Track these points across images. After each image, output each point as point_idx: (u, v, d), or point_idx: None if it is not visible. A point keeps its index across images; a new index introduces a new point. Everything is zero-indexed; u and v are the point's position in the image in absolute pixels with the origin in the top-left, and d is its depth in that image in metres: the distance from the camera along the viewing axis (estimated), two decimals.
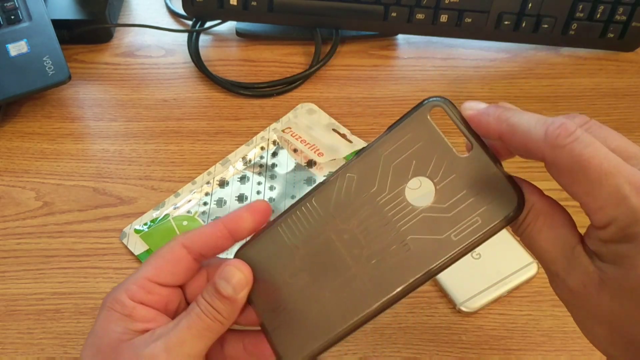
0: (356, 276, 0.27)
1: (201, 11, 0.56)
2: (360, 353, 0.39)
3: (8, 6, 0.51)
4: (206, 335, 0.29)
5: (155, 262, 0.30)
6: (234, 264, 0.29)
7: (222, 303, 0.28)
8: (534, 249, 0.25)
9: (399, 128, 0.27)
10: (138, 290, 0.30)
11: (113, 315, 0.29)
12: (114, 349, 0.28)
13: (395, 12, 0.54)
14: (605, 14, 0.54)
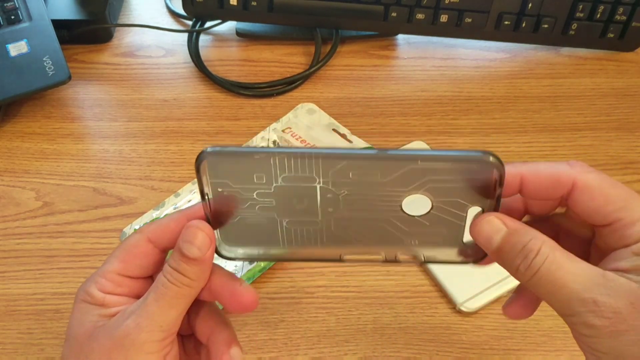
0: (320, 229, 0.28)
1: (201, 11, 0.56)
2: (360, 353, 0.39)
3: (8, 6, 0.51)
4: (176, 303, 0.28)
5: (122, 256, 0.30)
6: (195, 225, 0.28)
7: (189, 266, 0.28)
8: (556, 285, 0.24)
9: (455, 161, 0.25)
10: (107, 284, 0.30)
11: (85, 307, 0.29)
12: (90, 336, 0.28)
13: (395, 12, 0.54)
14: (605, 14, 0.54)
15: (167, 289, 0.28)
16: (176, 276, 0.28)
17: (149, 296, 0.28)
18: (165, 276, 0.28)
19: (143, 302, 0.28)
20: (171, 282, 0.28)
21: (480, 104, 0.54)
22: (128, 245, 0.30)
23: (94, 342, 0.28)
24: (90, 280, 0.30)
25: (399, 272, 0.43)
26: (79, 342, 0.29)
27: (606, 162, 0.50)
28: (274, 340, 0.39)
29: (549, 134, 0.52)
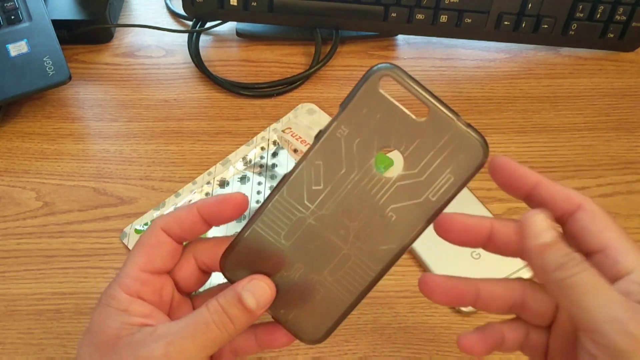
0: (349, 255, 0.28)
1: (201, 11, 0.56)
2: (360, 353, 0.39)
3: (8, 6, 0.52)
4: (212, 345, 0.28)
5: (142, 251, 0.30)
6: (263, 279, 0.28)
7: (240, 313, 0.28)
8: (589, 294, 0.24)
9: (352, 105, 0.27)
10: (133, 283, 0.29)
11: (108, 311, 0.29)
12: (112, 345, 0.28)
13: (395, 13, 0.54)
14: (605, 14, 0.54)
15: (209, 330, 0.27)
16: (224, 320, 0.28)
17: (187, 328, 0.27)
18: (212, 316, 0.28)
19: (179, 331, 0.27)
20: (216, 324, 0.27)
21: (480, 104, 0.54)
22: (143, 238, 0.30)
23: (115, 354, 0.28)
24: (114, 282, 0.30)
25: (398, 272, 0.43)
26: (99, 349, 0.28)
27: (606, 162, 0.50)
28: None
29: (549, 134, 0.52)
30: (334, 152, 0.27)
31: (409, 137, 0.27)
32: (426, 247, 0.43)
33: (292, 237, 0.29)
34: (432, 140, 0.27)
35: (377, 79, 0.27)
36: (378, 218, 0.28)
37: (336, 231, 0.28)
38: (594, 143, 0.51)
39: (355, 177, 0.28)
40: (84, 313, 0.41)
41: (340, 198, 0.28)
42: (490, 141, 0.53)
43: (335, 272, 0.29)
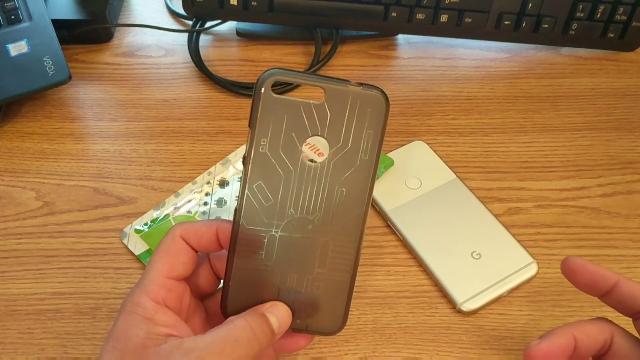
0: (327, 242, 0.31)
1: (201, 11, 0.56)
2: (360, 353, 0.39)
3: (8, 6, 0.51)
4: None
5: (165, 258, 0.31)
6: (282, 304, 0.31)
7: (265, 334, 0.29)
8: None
9: (260, 120, 0.29)
10: (159, 290, 0.30)
11: (134, 319, 0.29)
12: (139, 354, 0.28)
13: (395, 12, 0.54)
14: (606, 14, 0.54)
15: (238, 347, 0.28)
16: (251, 338, 0.28)
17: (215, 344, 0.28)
18: (240, 334, 0.28)
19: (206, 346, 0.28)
20: (244, 341, 0.28)
21: (480, 104, 0.54)
22: (164, 245, 0.31)
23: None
24: (138, 289, 0.30)
25: (399, 272, 0.43)
26: (124, 357, 0.28)
27: (606, 162, 0.50)
28: None
29: (549, 133, 0.52)
30: (266, 167, 0.29)
31: (320, 120, 0.29)
32: (426, 247, 0.43)
33: (272, 255, 0.30)
34: (338, 112, 0.29)
35: (268, 86, 0.29)
36: (333, 199, 0.30)
37: (305, 229, 0.30)
38: (594, 143, 0.51)
39: (295, 177, 0.30)
40: (83, 313, 0.41)
41: (293, 201, 0.30)
42: (491, 141, 0.53)
43: (324, 263, 0.31)
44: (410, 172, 0.47)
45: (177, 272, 0.31)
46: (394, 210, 0.45)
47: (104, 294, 0.42)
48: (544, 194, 0.47)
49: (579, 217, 0.46)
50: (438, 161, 0.48)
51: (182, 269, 0.31)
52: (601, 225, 0.46)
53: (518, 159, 0.50)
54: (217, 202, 0.46)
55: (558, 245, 0.44)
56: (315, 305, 0.31)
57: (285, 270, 0.31)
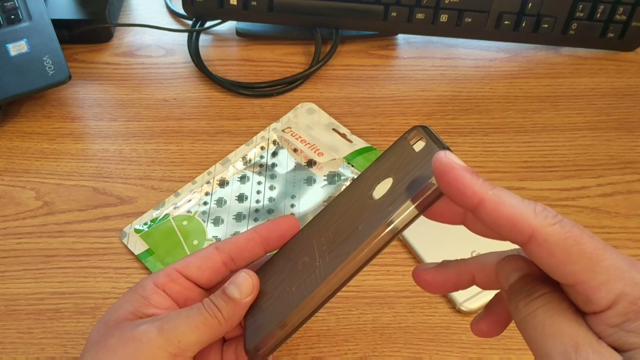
0: (317, 266, 0.28)
1: (201, 11, 0.56)
2: (360, 353, 0.39)
3: (8, 6, 0.51)
4: (202, 330, 0.29)
5: (186, 258, 0.32)
6: (245, 271, 0.31)
7: (225, 303, 0.30)
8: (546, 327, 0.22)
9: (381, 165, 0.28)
10: (163, 277, 0.31)
11: (132, 296, 0.31)
12: (118, 324, 0.30)
13: (395, 12, 0.54)
14: (605, 14, 0.54)
15: (200, 314, 0.29)
16: (212, 308, 0.30)
17: (182, 312, 0.30)
18: (203, 304, 0.30)
19: (174, 315, 0.30)
20: (206, 309, 0.30)
21: (480, 104, 0.54)
22: (195, 252, 0.33)
23: (117, 329, 0.29)
24: (148, 276, 0.32)
25: (398, 271, 0.43)
26: (107, 325, 0.30)
27: (606, 162, 0.50)
28: None
29: (549, 133, 0.52)
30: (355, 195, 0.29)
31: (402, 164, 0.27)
32: (426, 247, 0.43)
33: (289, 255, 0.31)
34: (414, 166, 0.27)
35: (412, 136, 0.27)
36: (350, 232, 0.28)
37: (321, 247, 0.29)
38: (594, 142, 0.51)
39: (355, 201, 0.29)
40: (83, 313, 0.41)
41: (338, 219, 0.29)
42: (491, 141, 0.53)
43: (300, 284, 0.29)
44: None
45: (189, 271, 0.32)
46: None
47: (103, 293, 0.42)
48: (543, 193, 0.47)
49: (579, 217, 0.46)
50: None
51: (195, 272, 0.32)
52: (601, 225, 0.46)
53: (518, 158, 0.50)
54: (217, 201, 0.46)
55: None
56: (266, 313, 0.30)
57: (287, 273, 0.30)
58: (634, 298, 0.20)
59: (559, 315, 0.22)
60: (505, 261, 0.25)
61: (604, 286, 0.21)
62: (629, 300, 0.20)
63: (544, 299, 0.22)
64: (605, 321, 0.21)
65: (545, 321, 0.22)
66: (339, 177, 0.47)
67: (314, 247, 0.29)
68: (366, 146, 0.49)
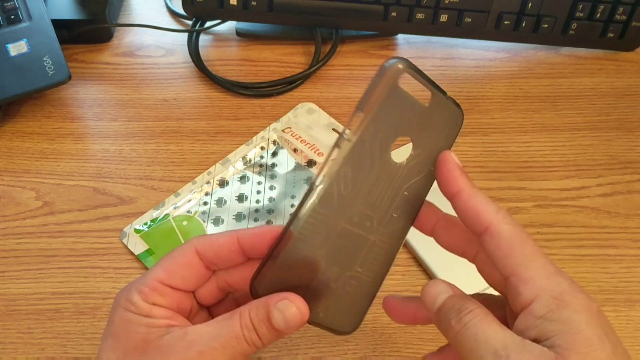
0: (375, 242, 0.29)
1: (201, 11, 0.56)
2: (360, 353, 0.39)
3: (8, 6, 0.51)
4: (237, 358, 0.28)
5: (167, 265, 0.30)
6: (292, 299, 0.28)
7: (268, 333, 0.28)
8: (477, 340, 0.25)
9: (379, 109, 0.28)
10: (151, 293, 0.29)
11: (130, 317, 0.29)
12: (142, 349, 0.28)
13: (395, 12, 0.54)
14: (605, 14, 0.54)
15: (240, 344, 0.27)
16: (254, 337, 0.28)
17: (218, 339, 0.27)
18: (243, 331, 0.27)
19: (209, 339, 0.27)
20: (246, 339, 0.27)
21: (480, 104, 0.54)
22: (175, 253, 0.30)
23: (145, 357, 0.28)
24: (132, 288, 0.29)
25: (399, 272, 0.43)
26: (127, 355, 0.28)
27: (606, 162, 0.50)
28: None
29: (549, 133, 0.52)
30: (360, 155, 0.28)
31: (418, 123, 0.29)
32: (426, 247, 0.43)
33: (326, 244, 0.28)
34: (433, 120, 0.29)
35: (398, 78, 0.27)
36: (396, 201, 0.29)
37: (364, 225, 0.29)
38: (594, 142, 0.51)
39: (376, 171, 0.29)
40: (83, 313, 0.41)
41: (365, 195, 0.29)
42: (491, 141, 0.53)
43: (364, 262, 0.30)
44: None
45: (175, 282, 0.30)
46: None
47: (103, 293, 0.42)
48: (543, 193, 0.47)
49: (579, 216, 0.46)
50: None
51: (181, 282, 0.30)
52: (601, 225, 0.46)
53: (518, 158, 0.50)
54: (216, 201, 0.46)
55: (558, 245, 0.44)
56: (341, 302, 0.30)
57: (331, 261, 0.29)
58: (557, 294, 0.25)
59: (488, 325, 0.25)
60: (429, 286, 0.28)
61: (532, 280, 0.25)
62: (551, 295, 0.25)
63: (473, 314, 0.26)
64: (532, 313, 0.25)
65: (477, 331, 0.25)
66: None
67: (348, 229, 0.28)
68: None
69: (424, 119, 0.29)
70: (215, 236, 0.30)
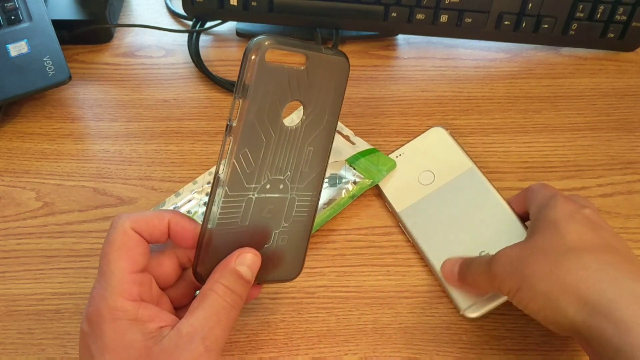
0: (294, 198, 0.33)
1: (201, 11, 0.56)
2: (360, 353, 0.39)
3: (8, 6, 0.51)
4: (232, 327, 0.30)
5: (125, 254, 0.30)
6: (248, 251, 0.31)
7: (243, 287, 0.30)
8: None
9: (253, 89, 0.29)
10: (132, 288, 0.30)
11: (122, 325, 0.29)
12: (148, 357, 0.28)
13: (395, 12, 0.54)
14: (605, 14, 0.54)
15: (230, 312, 0.30)
16: (235, 299, 0.30)
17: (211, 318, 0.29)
18: (225, 299, 0.29)
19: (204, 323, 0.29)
20: (231, 305, 0.30)
21: (480, 104, 0.54)
22: (119, 240, 0.30)
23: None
24: (109, 292, 0.29)
25: (399, 272, 0.43)
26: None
27: (606, 162, 0.50)
28: (274, 340, 0.39)
29: (549, 134, 0.52)
30: (252, 135, 0.30)
31: (300, 85, 0.31)
32: (435, 249, 0.43)
33: (247, 217, 0.32)
34: (315, 77, 0.31)
35: (263, 55, 0.29)
36: (302, 158, 0.32)
37: (277, 189, 0.32)
38: (594, 143, 0.51)
39: (274, 141, 0.31)
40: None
41: (270, 165, 0.31)
42: (491, 141, 0.53)
43: (289, 218, 0.33)
44: (425, 165, 0.47)
45: (140, 265, 0.31)
46: (405, 210, 0.45)
47: None
48: None
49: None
50: (455, 149, 0.47)
51: (143, 261, 0.31)
52: None
53: (518, 159, 0.50)
54: None
55: None
56: (280, 256, 0.34)
57: (257, 228, 0.32)
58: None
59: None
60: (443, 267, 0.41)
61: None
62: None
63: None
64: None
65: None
66: (340, 179, 0.46)
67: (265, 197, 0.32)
68: (369, 148, 0.49)
69: (304, 80, 0.31)
70: (147, 216, 0.32)
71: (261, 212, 0.32)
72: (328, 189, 0.46)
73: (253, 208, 0.32)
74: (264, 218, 0.32)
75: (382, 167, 0.47)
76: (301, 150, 0.32)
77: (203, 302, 0.29)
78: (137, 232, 0.31)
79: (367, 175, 0.46)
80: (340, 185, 0.46)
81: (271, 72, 0.29)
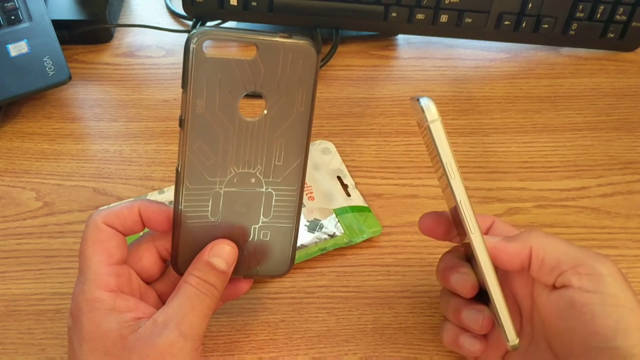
0: (270, 192, 0.32)
1: (201, 11, 0.56)
2: (360, 353, 0.39)
3: (8, 6, 0.51)
4: (207, 314, 0.30)
5: (97, 248, 0.31)
6: (223, 242, 0.31)
7: (217, 278, 0.30)
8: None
9: (194, 82, 0.29)
10: (109, 279, 0.30)
11: (99, 315, 0.29)
12: (123, 346, 0.28)
13: (395, 12, 0.54)
14: (605, 14, 0.54)
15: (203, 300, 0.30)
16: (208, 288, 0.30)
17: (184, 306, 0.29)
18: (199, 288, 0.30)
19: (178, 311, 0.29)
20: (205, 294, 0.30)
21: (480, 104, 0.54)
22: (92, 236, 0.31)
23: (132, 353, 0.28)
24: (87, 286, 0.30)
25: (399, 272, 0.43)
26: (108, 354, 0.29)
27: (606, 162, 0.50)
28: (274, 340, 0.39)
29: (549, 134, 0.52)
30: (204, 127, 0.30)
31: (254, 76, 0.29)
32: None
33: (218, 211, 0.31)
34: (272, 66, 0.29)
35: (200, 47, 0.28)
36: (273, 151, 0.31)
37: (249, 182, 0.31)
38: (594, 143, 0.51)
39: (233, 134, 0.30)
40: None
41: (232, 158, 0.31)
42: (491, 141, 0.53)
43: (268, 213, 0.33)
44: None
45: (115, 257, 0.31)
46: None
47: None
48: (544, 194, 0.47)
49: (579, 217, 0.46)
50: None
51: (119, 253, 0.31)
52: (601, 225, 0.46)
53: (518, 159, 0.50)
54: None
55: None
56: (264, 251, 0.33)
57: (232, 222, 0.32)
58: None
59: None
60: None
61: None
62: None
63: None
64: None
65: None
66: (321, 228, 0.43)
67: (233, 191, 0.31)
68: (362, 205, 0.45)
69: (258, 71, 0.29)
70: (117, 208, 0.32)
71: (233, 206, 0.32)
72: (306, 232, 0.43)
73: (223, 202, 0.31)
74: (238, 212, 0.32)
75: (366, 229, 0.44)
76: (270, 144, 0.31)
77: (178, 293, 0.30)
78: (110, 225, 0.31)
79: (347, 232, 0.43)
80: (318, 234, 0.43)
81: (213, 63, 0.29)
